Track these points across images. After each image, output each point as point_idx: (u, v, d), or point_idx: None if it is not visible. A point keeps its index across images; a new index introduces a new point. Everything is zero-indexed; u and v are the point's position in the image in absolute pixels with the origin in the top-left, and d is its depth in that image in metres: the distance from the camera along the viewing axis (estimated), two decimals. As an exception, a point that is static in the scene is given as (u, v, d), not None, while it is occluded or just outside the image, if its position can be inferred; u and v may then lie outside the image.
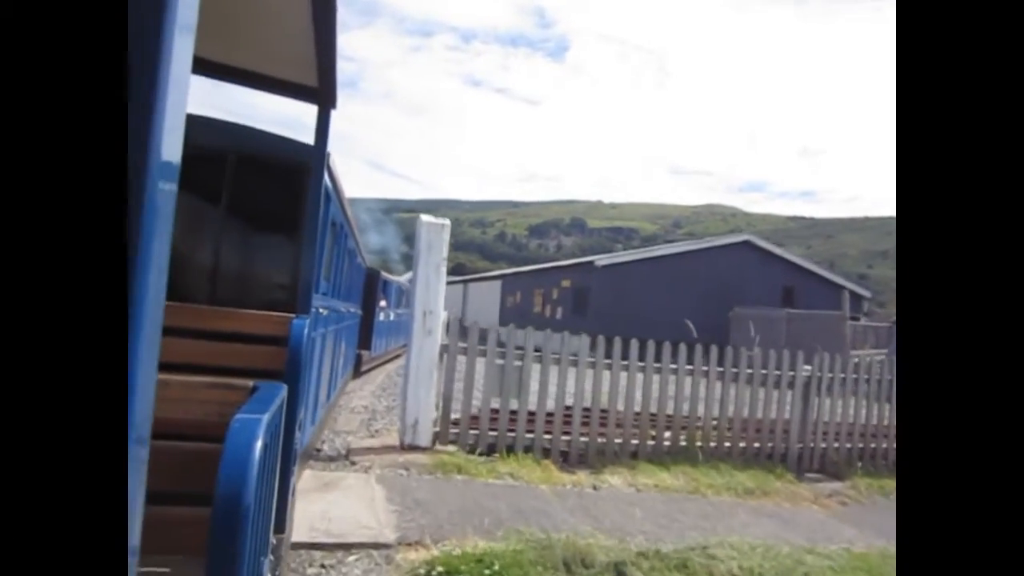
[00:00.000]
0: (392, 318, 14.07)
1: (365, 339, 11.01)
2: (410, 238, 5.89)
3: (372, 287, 11.33)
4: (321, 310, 4.25)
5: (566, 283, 23.52)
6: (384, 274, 13.04)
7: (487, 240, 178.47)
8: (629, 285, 20.74)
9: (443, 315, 5.53)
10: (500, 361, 5.52)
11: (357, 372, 10.73)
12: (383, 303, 12.60)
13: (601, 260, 21.57)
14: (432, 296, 5.38)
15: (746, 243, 22.79)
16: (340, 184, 4.53)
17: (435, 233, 5.53)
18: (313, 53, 2.31)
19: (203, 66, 2.69)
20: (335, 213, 4.60)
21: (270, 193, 3.83)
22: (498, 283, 33.34)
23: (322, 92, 2.54)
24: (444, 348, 5.40)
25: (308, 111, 2.66)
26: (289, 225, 3.54)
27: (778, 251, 23.19)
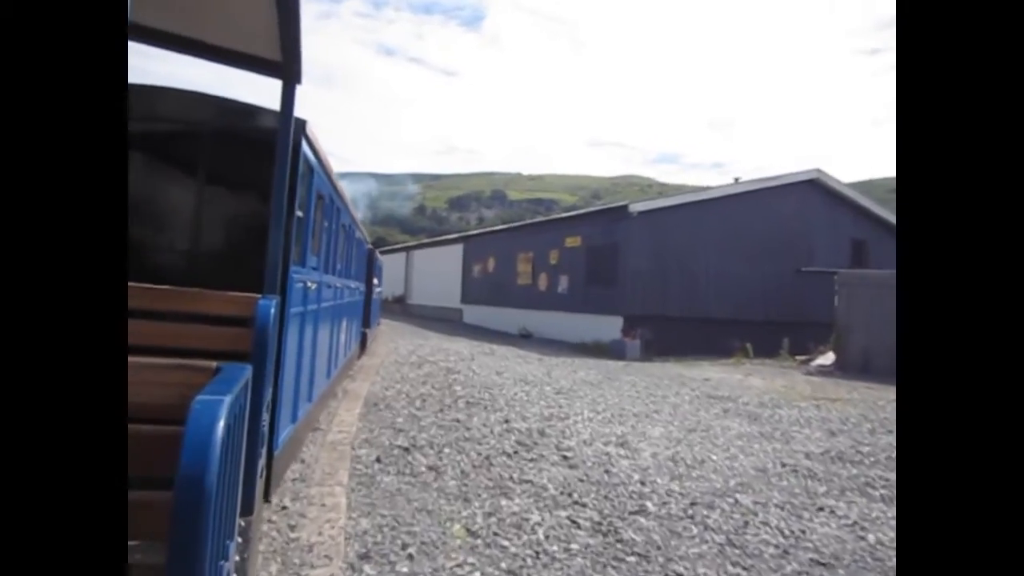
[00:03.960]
0: (378, 295, 14.22)
1: (366, 317, 10.66)
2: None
3: (371, 265, 11.19)
4: (309, 284, 4.14)
5: (573, 241, 17.19)
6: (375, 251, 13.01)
7: (407, 214, 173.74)
8: (672, 240, 15.24)
9: None
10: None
11: (363, 350, 10.49)
12: (375, 280, 12.60)
13: (637, 205, 15.41)
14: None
15: (812, 182, 16.89)
16: (324, 157, 4.35)
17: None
18: (276, 26, 2.24)
19: (164, 39, 2.58)
20: (321, 185, 4.45)
21: (251, 167, 3.67)
22: (459, 248, 25.66)
23: (286, 66, 2.46)
24: None
25: (243, 89, 2.59)
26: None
27: (849, 193, 17.40)
